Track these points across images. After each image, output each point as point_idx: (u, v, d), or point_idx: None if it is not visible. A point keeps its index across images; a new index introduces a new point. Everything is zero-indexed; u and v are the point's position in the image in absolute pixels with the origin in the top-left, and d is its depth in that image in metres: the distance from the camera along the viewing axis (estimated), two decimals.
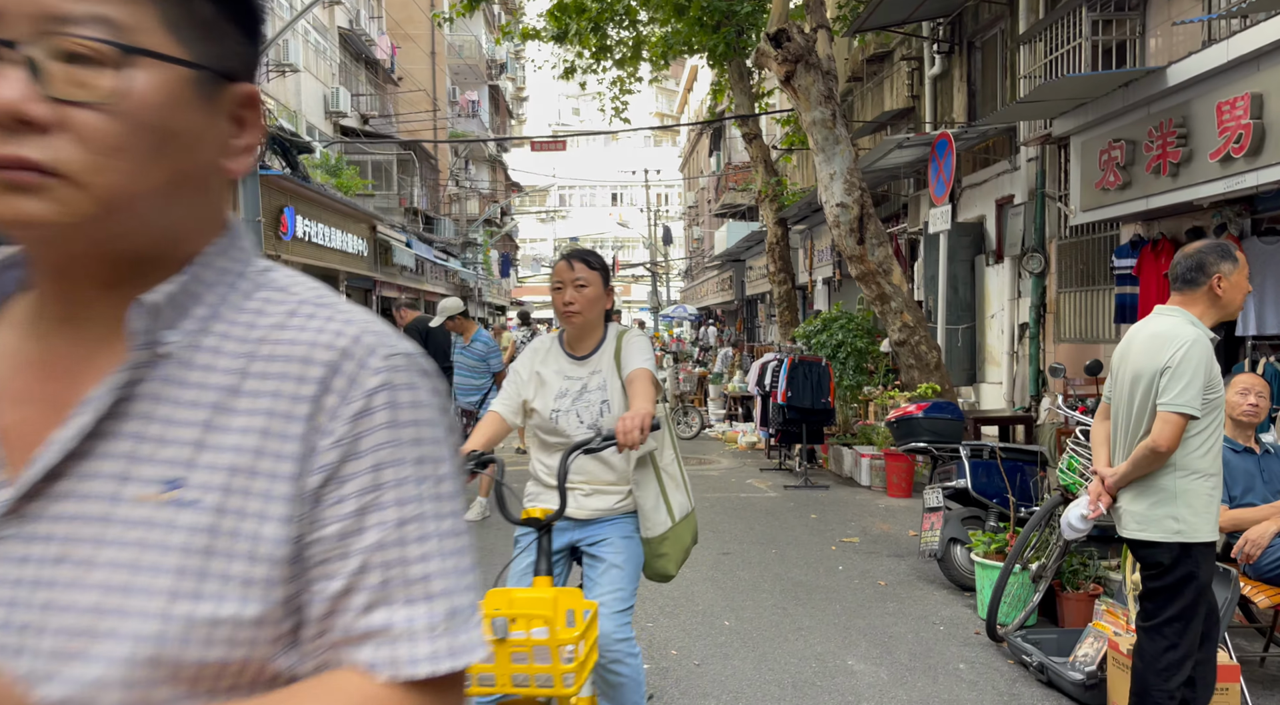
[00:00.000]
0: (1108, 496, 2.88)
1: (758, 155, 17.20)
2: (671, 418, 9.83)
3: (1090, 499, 2.91)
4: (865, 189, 9.27)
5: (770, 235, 17.12)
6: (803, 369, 8.20)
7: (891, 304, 9.26)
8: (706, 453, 10.71)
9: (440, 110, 35.35)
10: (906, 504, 7.51)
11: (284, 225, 15.53)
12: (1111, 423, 2.98)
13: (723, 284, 33.29)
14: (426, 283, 28.63)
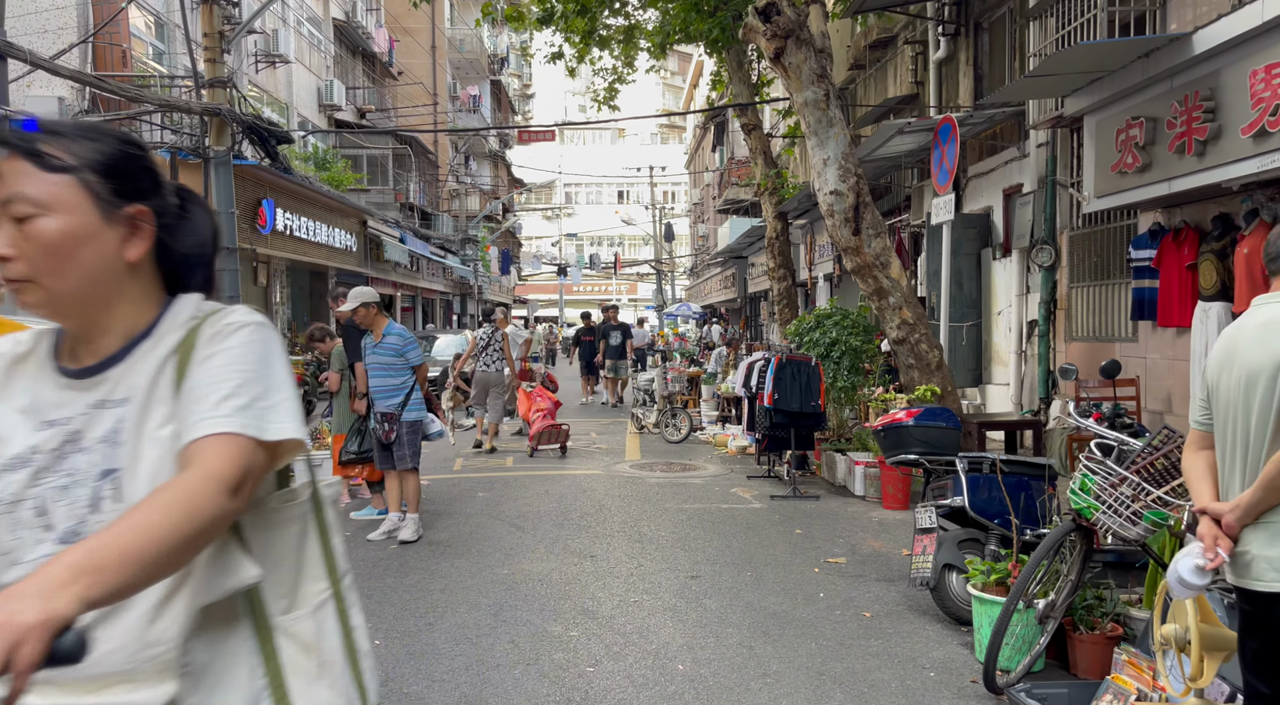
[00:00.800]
0: (1227, 539, 2.20)
1: (757, 147, 16.56)
2: (662, 420, 9.11)
3: (1206, 544, 2.22)
4: (861, 175, 8.61)
5: (770, 230, 16.48)
6: (791, 369, 7.55)
7: (889, 299, 8.60)
8: (693, 457, 10.07)
9: (440, 105, 34.79)
10: (902, 517, 6.86)
11: (262, 218, 14.95)
12: (1219, 444, 2.31)
13: (726, 282, 32.64)
14: (422, 279, 28.07)
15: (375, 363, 6.22)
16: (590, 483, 8.49)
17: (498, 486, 8.35)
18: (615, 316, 16.15)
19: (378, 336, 6.24)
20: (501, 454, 10.59)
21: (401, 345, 6.19)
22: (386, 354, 6.17)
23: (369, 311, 6.23)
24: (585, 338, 16.96)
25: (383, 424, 6.18)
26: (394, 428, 6.16)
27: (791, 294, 16.55)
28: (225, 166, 13.27)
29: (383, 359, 6.19)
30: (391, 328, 6.26)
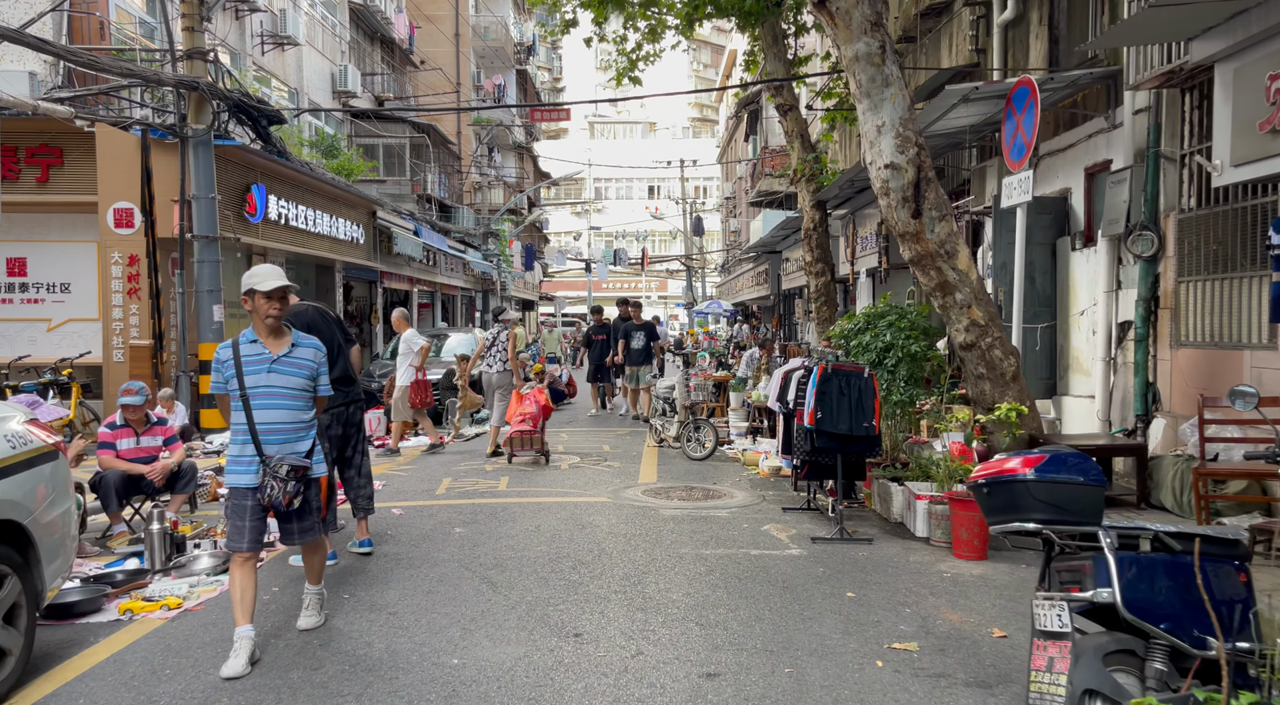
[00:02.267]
0: None
1: (793, 129, 15.05)
2: (683, 433, 7.63)
3: None
4: (923, 146, 7.11)
5: (807, 220, 14.97)
6: (838, 381, 6.08)
7: (956, 295, 7.11)
8: (718, 480, 8.63)
9: (463, 94, 33.58)
10: (981, 572, 5.38)
11: (251, 204, 13.71)
12: None
13: (759, 278, 31.11)
14: (440, 274, 26.83)
15: (274, 389, 4.23)
16: (593, 514, 7.08)
17: (481, 519, 6.97)
18: (637, 314, 14.36)
19: (275, 344, 4.29)
20: (497, 472, 9.21)
21: (315, 365, 4.40)
22: (293, 374, 4.29)
23: (274, 304, 4.25)
24: (597, 337, 15.02)
25: (286, 482, 4.13)
26: (300, 488, 4.23)
27: (830, 291, 15.03)
28: (205, 147, 12.03)
29: (288, 382, 4.27)
30: (302, 339, 4.42)
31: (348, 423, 6.12)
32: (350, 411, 6.14)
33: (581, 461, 9.81)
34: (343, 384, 6.07)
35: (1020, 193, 7.84)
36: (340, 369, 6.11)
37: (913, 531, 6.37)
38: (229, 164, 13.27)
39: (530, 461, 9.80)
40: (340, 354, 6.17)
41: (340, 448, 6.13)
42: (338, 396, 6.03)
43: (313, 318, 6.11)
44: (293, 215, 15.29)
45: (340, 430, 6.06)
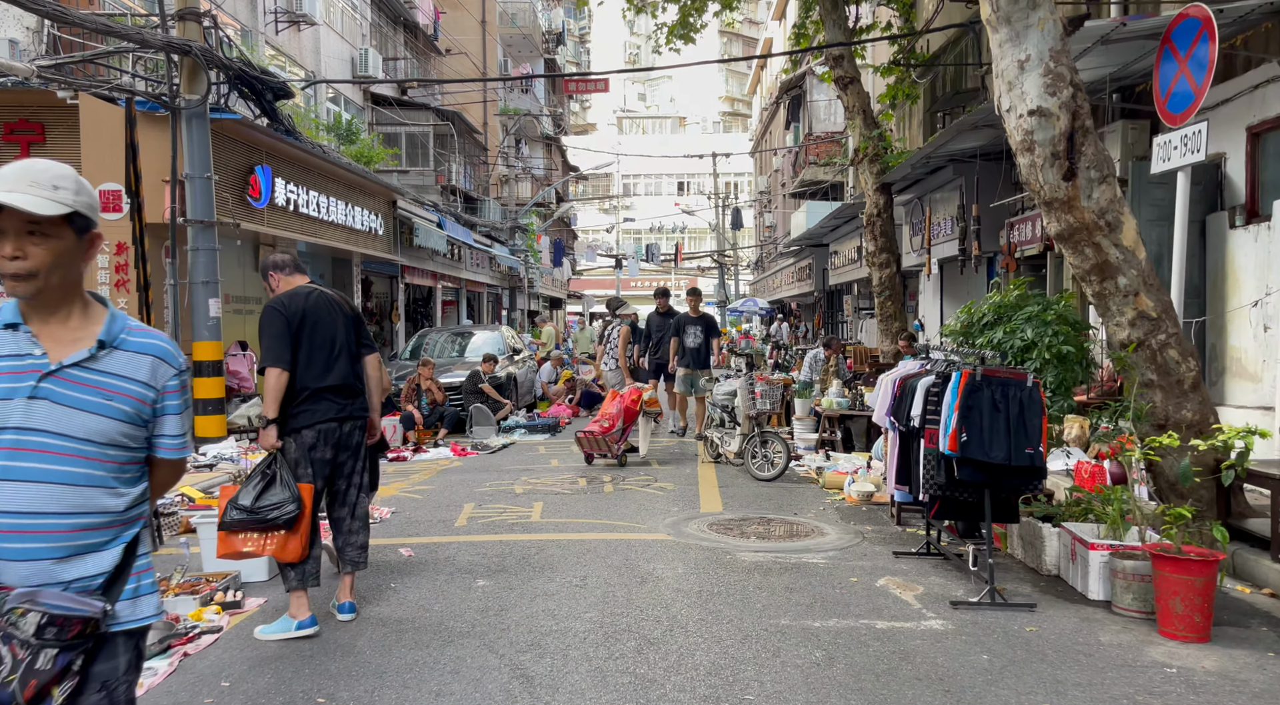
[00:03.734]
0: None
1: (854, 104, 13.48)
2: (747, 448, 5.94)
3: None
4: (1080, 86, 5.52)
5: (870, 205, 13.40)
6: (990, 393, 4.51)
7: (1119, 280, 5.52)
8: (798, 508, 7.08)
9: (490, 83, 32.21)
10: (1217, 665, 3.81)
11: (255, 188, 12.33)
12: None
13: (800, 274, 29.44)
14: (465, 270, 25.43)
15: (34, 436, 1.83)
16: (652, 559, 5.57)
17: (511, 564, 5.47)
18: (697, 304, 11.31)
19: (59, 335, 1.92)
20: (529, 496, 7.72)
21: (154, 393, 1.97)
22: (88, 406, 1.88)
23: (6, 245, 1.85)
24: None
25: (35, 649, 1.73)
26: (72, 663, 1.79)
27: (895, 284, 13.47)
28: (200, 120, 10.62)
29: (71, 423, 1.86)
30: (135, 334, 1.99)
31: (340, 445, 4.67)
32: (345, 431, 4.69)
33: (625, 481, 8.30)
34: (338, 394, 4.63)
35: (1186, 152, 6.23)
36: (338, 375, 4.67)
37: (1080, 591, 4.79)
38: (229, 142, 11.90)
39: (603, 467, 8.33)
40: (340, 356, 4.73)
41: (329, 477, 4.68)
42: (329, 409, 4.57)
43: (313, 306, 4.68)
44: (303, 201, 13.91)
45: (329, 454, 4.61)
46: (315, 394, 4.62)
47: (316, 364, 4.64)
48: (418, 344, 15.27)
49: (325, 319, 4.71)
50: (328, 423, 4.63)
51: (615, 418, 9.08)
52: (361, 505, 4.86)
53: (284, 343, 4.57)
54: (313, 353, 4.65)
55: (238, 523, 4.37)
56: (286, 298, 4.69)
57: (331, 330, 4.72)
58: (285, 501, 4.41)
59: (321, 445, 4.62)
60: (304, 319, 4.63)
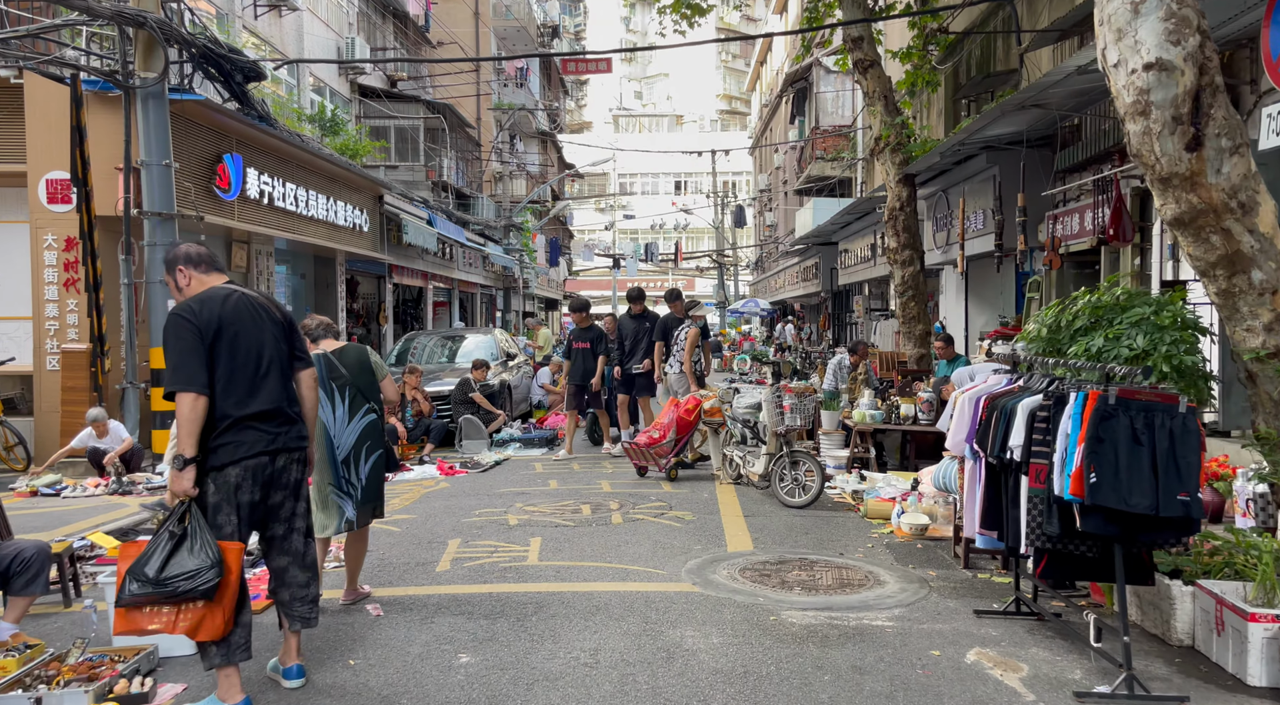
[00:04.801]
0: None
1: (875, 90, 12.44)
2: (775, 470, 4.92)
3: None
4: (1208, 33, 4.47)
5: (891, 198, 12.37)
6: (1130, 420, 3.45)
7: (1253, 275, 4.48)
8: (842, 543, 6.05)
9: (483, 76, 31.12)
10: None
11: (223, 178, 11.23)
12: None
13: (805, 273, 28.39)
14: (457, 270, 24.31)
15: None
16: (676, 620, 4.50)
17: (503, 630, 4.40)
18: (681, 309, 10.03)
19: None
20: (525, 529, 6.64)
21: None
22: None
23: None
24: (580, 344, 10.34)
25: None
26: None
27: (919, 283, 12.40)
28: (158, 101, 9.51)
29: None
30: None
31: (273, 484, 3.66)
32: (279, 467, 3.68)
33: (636, 509, 7.23)
34: (267, 422, 3.61)
35: None
36: (268, 397, 3.64)
37: (1233, 672, 3.74)
38: (194, 127, 10.81)
39: (607, 493, 7.25)
40: (269, 373, 3.69)
41: (262, 522, 3.66)
42: (257, 441, 3.57)
43: (232, 312, 3.66)
44: (279, 194, 12.82)
45: (258, 494, 3.59)
46: (239, 423, 3.59)
47: (239, 385, 3.61)
48: (404, 348, 14.18)
49: (249, 328, 3.68)
50: (256, 458, 3.61)
51: (667, 428, 8.41)
52: (310, 553, 3.83)
53: (197, 359, 3.52)
54: (234, 371, 3.61)
55: (141, 598, 3.32)
56: (197, 303, 3.64)
57: (257, 341, 3.69)
58: (202, 569, 3.38)
59: (249, 485, 3.61)
60: (221, 329, 3.60)
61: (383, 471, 5.08)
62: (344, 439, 4.88)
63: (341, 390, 4.90)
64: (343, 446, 4.87)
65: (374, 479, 4.98)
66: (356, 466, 4.89)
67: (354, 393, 4.94)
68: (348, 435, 4.90)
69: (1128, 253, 8.92)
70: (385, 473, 5.15)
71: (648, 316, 10.47)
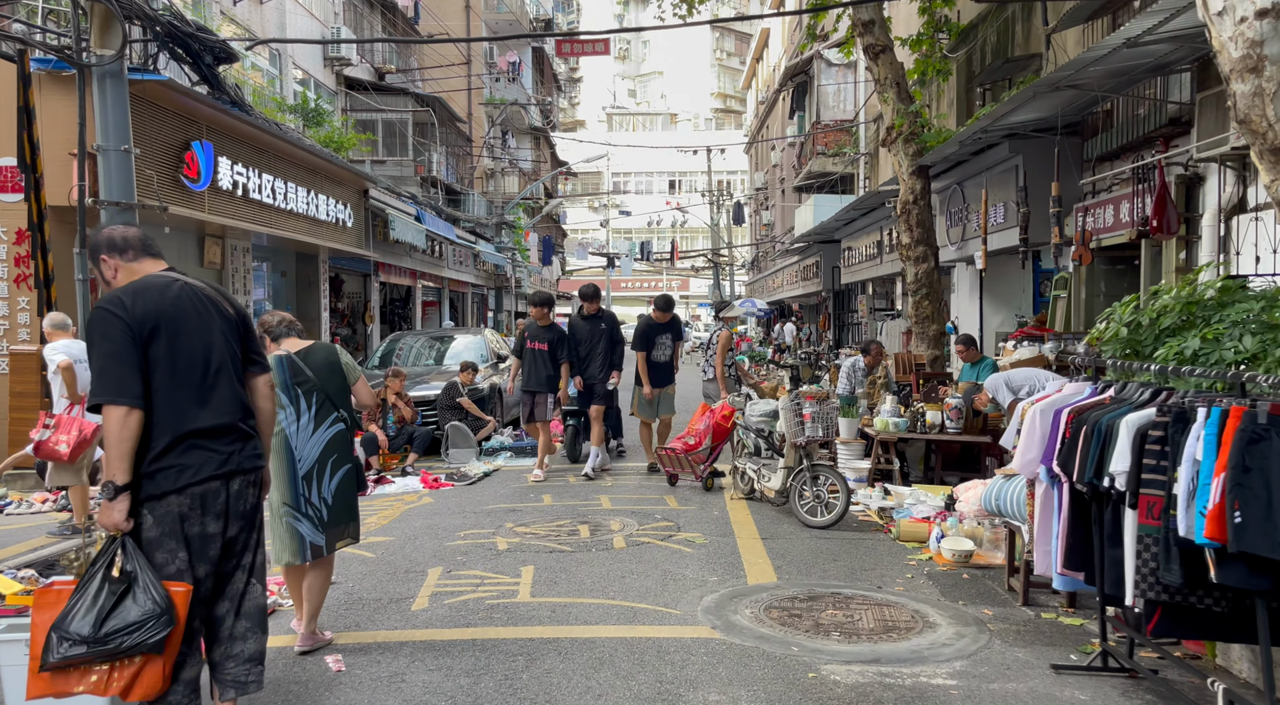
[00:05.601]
0: None
1: (887, 77, 11.74)
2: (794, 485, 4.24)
3: None
4: None
5: (904, 191, 11.68)
6: None
7: None
8: (877, 572, 5.33)
9: (474, 69, 30.34)
10: None
11: (192, 167, 10.45)
12: None
13: (805, 272, 27.67)
14: (448, 268, 23.52)
15: None
16: (696, 680, 3.77)
17: (486, 692, 3.65)
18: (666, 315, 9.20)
19: None
20: (515, 554, 5.88)
21: None
22: None
23: None
24: (537, 345, 8.91)
25: None
26: None
27: (934, 280, 11.71)
28: (116, 81, 8.68)
29: None
30: None
31: (230, 513, 3.02)
32: (234, 492, 3.03)
33: (639, 530, 6.48)
34: (219, 438, 3.00)
35: None
36: (219, 408, 3.01)
37: None
38: (158, 111, 10.03)
39: (608, 511, 6.49)
40: (219, 380, 3.02)
41: (218, 557, 3.05)
42: (208, 462, 2.95)
43: (173, 305, 3.02)
44: (254, 185, 12.03)
45: (214, 526, 2.98)
46: (184, 441, 2.92)
47: (182, 395, 2.94)
48: (389, 349, 13.40)
49: (194, 325, 3.00)
50: (207, 482, 2.93)
51: (702, 435, 7.90)
52: (254, 597, 3.10)
53: (129, 364, 2.84)
54: (176, 377, 2.94)
55: (76, 660, 2.66)
56: (128, 294, 2.93)
57: (204, 341, 3.01)
58: (149, 619, 2.75)
59: (199, 516, 2.93)
60: (159, 326, 2.92)
61: (354, 487, 4.36)
62: (307, 450, 4.18)
63: (307, 395, 4.21)
64: (305, 460, 4.18)
65: (343, 496, 4.27)
66: (319, 483, 4.19)
67: (321, 399, 4.23)
68: (311, 446, 4.20)
69: (1172, 246, 8.20)
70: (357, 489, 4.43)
71: (602, 317, 9.25)
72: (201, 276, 13.36)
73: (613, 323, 9.26)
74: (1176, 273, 8.16)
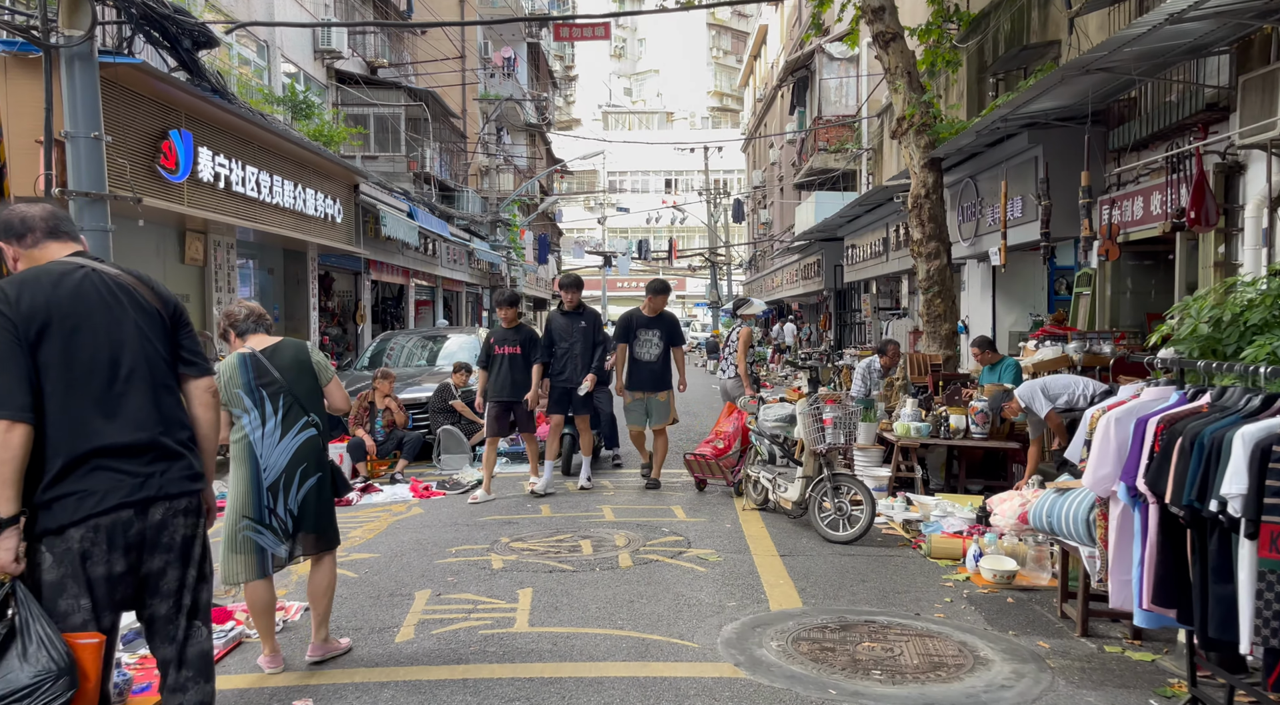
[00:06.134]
0: None
1: (898, 66, 11.26)
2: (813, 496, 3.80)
3: None
4: None
5: (916, 185, 11.18)
6: None
7: None
8: (911, 594, 4.86)
9: (469, 65, 29.79)
10: None
11: (169, 157, 9.91)
12: None
13: (806, 271, 27.18)
14: (440, 267, 22.97)
15: None
16: None
17: None
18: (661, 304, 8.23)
19: None
20: (512, 573, 5.36)
21: None
22: None
23: None
24: (508, 349, 7.75)
25: None
26: None
27: (946, 278, 11.21)
28: (86, 63, 8.13)
29: None
30: None
31: (147, 546, 2.52)
32: (154, 522, 2.52)
33: (646, 545, 5.96)
34: (130, 457, 2.49)
35: None
36: (129, 420, 2.51)
37: None
38: (133, 97, 9.49)
39: (611, 523, 5.97)
40: (131, 385, 2.53)
41: (135, 598, 2.59)
42: (116, 487, 2.45)
43: (70, 297, 2.55)
44: (237, 178, 11.48)
45: (122, 564, 2.50)
46: (85, 461, 2.41)
47: (81, 405, 2.45)
48: (379, 349, 12.86)
49: (97, 320, 2.50)
50: (115, 512, 2.42)
51: (732, 438, 7.49)
52: (196, 640, 2.59)
53: (10, 370, 2.34)
54: (74, 385, 2.44)
55: None
56: (13, 286, 2.45)
57: (111, 340, 2.51)
58: (43, 681, 2.29)
59: (104, 552, 2.42)
60: (50, 323, 2.43)
61: (327, 494, 3.90)
62: (273, 459, 3.74)
63: (273, 398, 3.76)
64: (270, 469, 3.74)
65: (312, 502, 3.83)
66: (285, 494, 3.77)
67: (289, 402, 3.78)
68: (278, 455, 3.75)
69: (1210, 239, 7.72)
70: (334, 495, 3.97)
71: (584, 314, 8.00)
72: (184, 275, 12.71)
73: (595, 321, 8.07)
74: (1215, 267, 7.68)
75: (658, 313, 8.15)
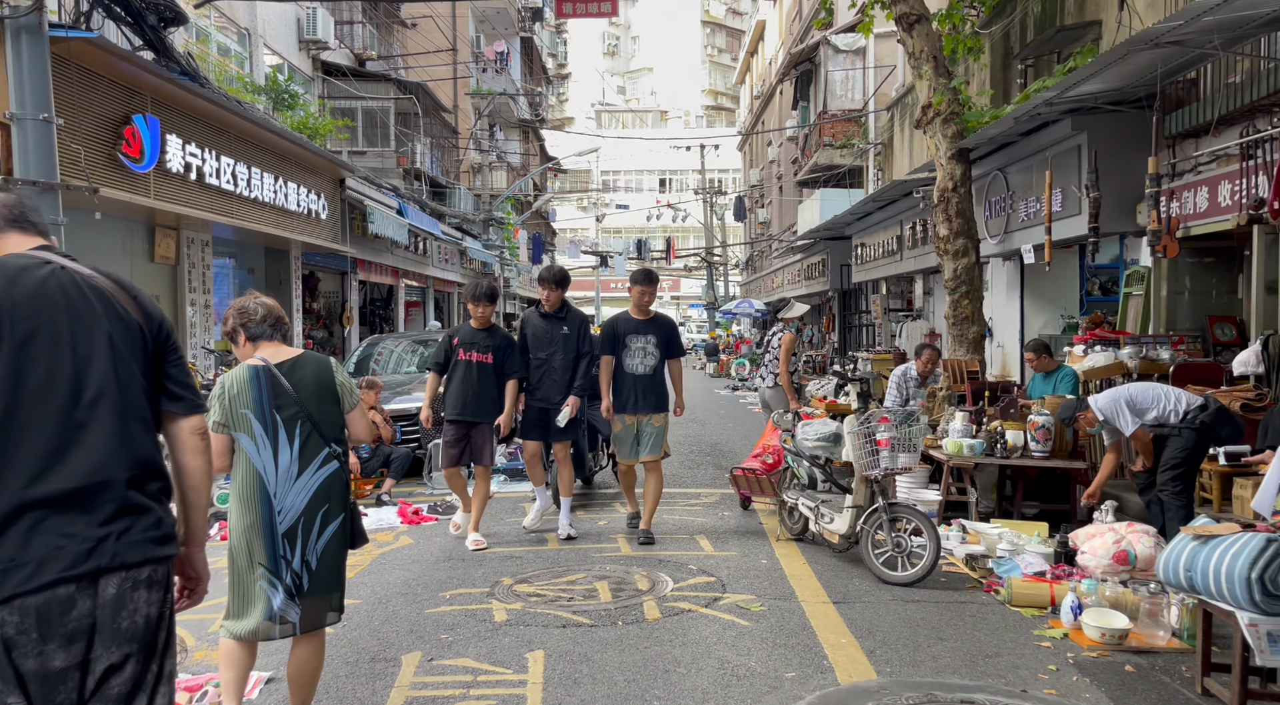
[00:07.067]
0: None
1: (922, 50, 10.47)
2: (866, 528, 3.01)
3: None
4: None
5: (942, 177, 10.40)
6: None
7: None
8: (997, 650, 4.15)
9: (460, 59, 28.89)
10: None
11: (132, 144, 9.00)
12: None
13: (809, 271, 26.34)
14: (432, 267, 22.05)
15: None
16: None
17: None
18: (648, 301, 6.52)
19: None
20: (518, 628, 4.49)
21: None
22: None
23: None
24: (475, 356, 6.25)
25: None
26: None
27: (975, 278, 10.43)
28: (34, 37, 7.24)
29: None
30: None
31: (96, 633, 1.86)
32: (106, 599, 1.84)
33: (674, 588, 5.10)
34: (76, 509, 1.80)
35: None
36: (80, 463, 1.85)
37: None
38: (90, 77, 8.57)
39: (636, 557, 5.10)
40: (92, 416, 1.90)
41: (54, 702, 1.68)
42: (52, 553, 1.75)
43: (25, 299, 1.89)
44: (211, 169, 10.58)
45: (58, 658, 1.77)
46: (18, 516, 1.71)
47: (26, 436, 1.83)
48: (366, 355, 11.97)
49: (59, 327, 1.91)
50: (47, 589, 1.72)
51: (781, 452, 6.75)
52: None
53: None
54: (19, 407, 1.83)
55: None
56: None
57: (77, 354, 1.91)
58: None
59: (37, 643, 1.70)
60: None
61: (345, 547, 3.13)
62: (290, 499, 2.99)
63: (290, 425, 3.01)
64: (287, 511, 2.99)
65: (331, 558, 3.08)
66: (305, 541, 3.00)
67: (308, 430, 3.03)
68: (296, 494, 3.00)
69: None
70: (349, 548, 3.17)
71: (569, 317, 6.42)
72: (153, 274, 11.70)
73: (581, 326, 6.39)
74: None
75: (649, 315, 6.53)
